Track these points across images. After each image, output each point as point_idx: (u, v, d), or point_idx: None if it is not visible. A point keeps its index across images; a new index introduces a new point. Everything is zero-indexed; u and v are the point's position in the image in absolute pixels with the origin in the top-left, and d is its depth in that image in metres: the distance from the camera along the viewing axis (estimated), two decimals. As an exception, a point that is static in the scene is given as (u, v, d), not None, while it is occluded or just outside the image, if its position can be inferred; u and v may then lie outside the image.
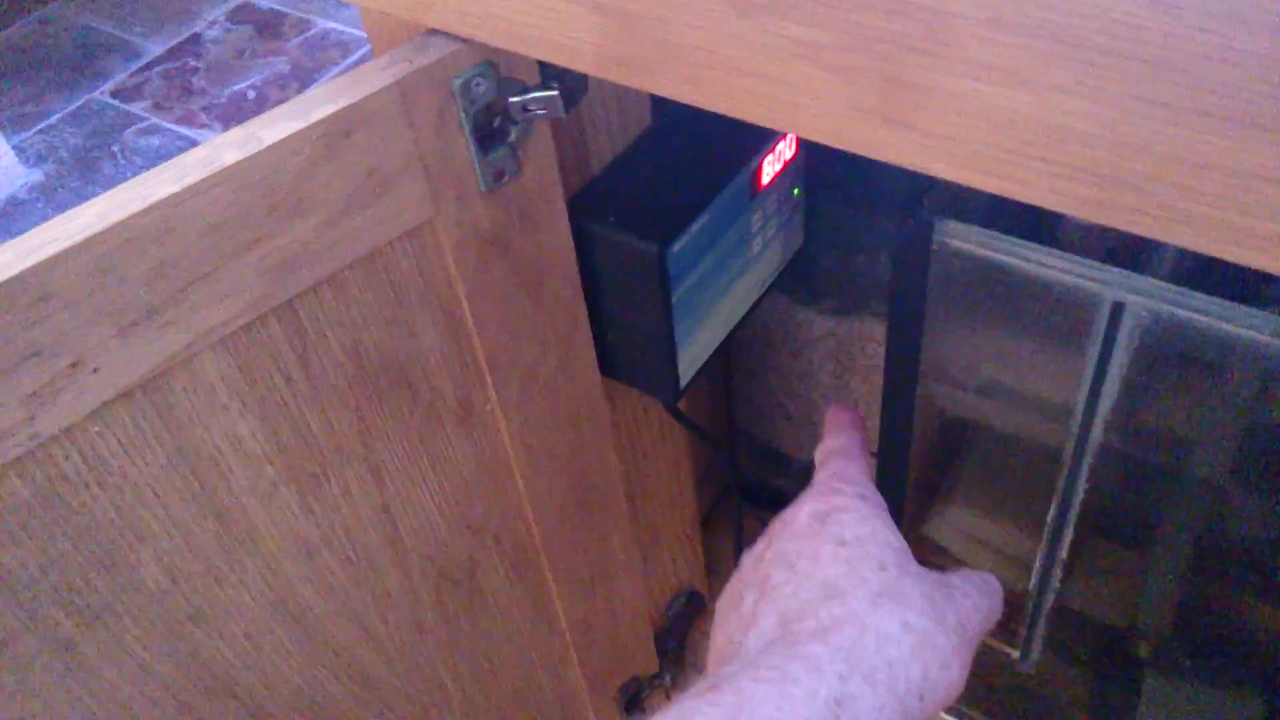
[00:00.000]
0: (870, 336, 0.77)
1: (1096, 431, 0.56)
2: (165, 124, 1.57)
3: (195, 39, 1.71)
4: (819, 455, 0.51)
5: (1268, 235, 0.29)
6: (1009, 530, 0.68)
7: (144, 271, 0.39)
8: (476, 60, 0.44)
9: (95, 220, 0.37)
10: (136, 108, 1.60)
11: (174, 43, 1.71)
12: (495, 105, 0.46)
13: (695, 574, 0.90)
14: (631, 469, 0.72)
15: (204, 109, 1.58)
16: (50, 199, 1.47)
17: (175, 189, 0.38)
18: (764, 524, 0.84)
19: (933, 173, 0.34)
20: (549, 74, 0.46)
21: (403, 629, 0.60)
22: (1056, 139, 0.31)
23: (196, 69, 1.65)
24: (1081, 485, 0.59)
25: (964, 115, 0.32)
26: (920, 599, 0.41)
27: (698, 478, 0.84)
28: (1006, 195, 0.33)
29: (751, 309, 0.64)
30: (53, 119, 1.60)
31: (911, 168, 0.35)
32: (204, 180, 0.38)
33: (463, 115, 0.44)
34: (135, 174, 1.43)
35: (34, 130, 1.59)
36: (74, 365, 0.39)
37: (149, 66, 1.67)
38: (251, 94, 1.59)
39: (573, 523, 0.66)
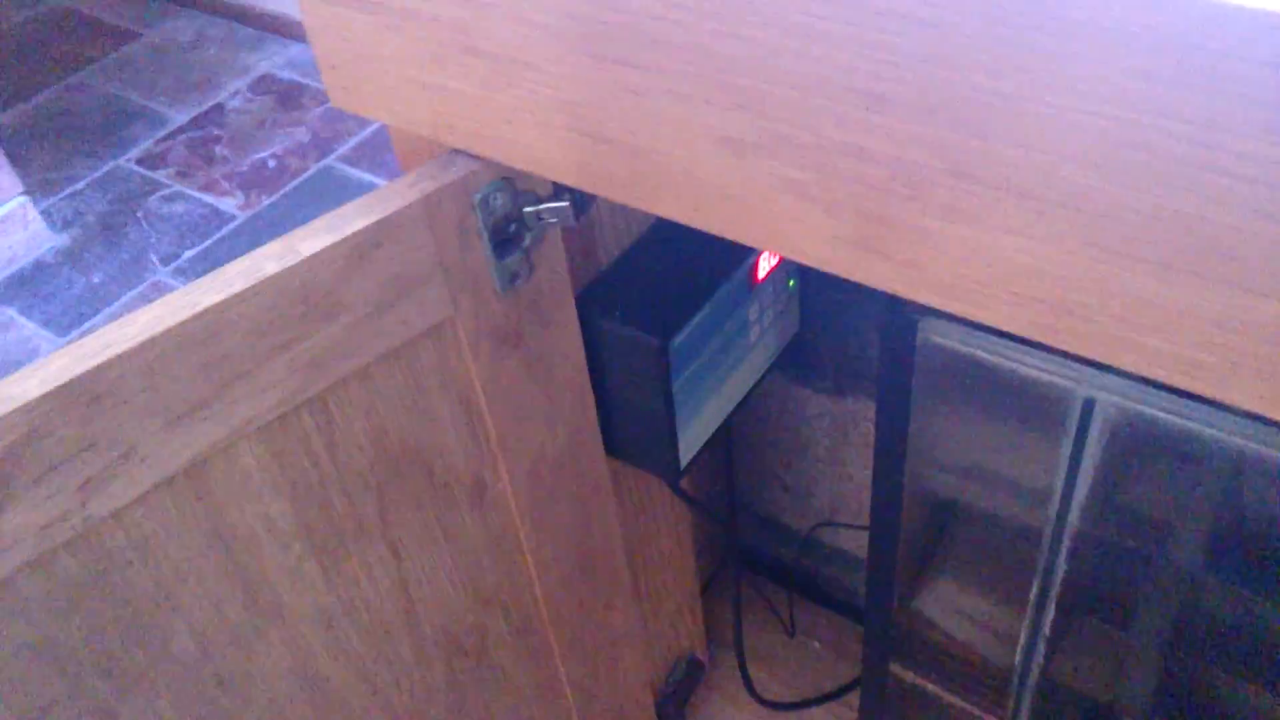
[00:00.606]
0: (863, 414, 0.80)
1: (1073, 516, 0.60)
2: (188, 191, 1.62)
3: (219, 109, 1.77)
4: None
5: (1200, 362, 0.33)
6: (995, 606, 0.71)
7: (190, 371, 0.42)
8: (494, 176, 0.48)
9: (148, 326, 0.41)
10: (161, 175, 1.66)
11: (198, 112, 1.77)
12: (511, 214, 0.50)
13: (696, 641, 0.92)
14: (634, 542, 0.76)
15: (226, 176, 1.64)
16: (76, 263, 1.52)
17: (221, 297, 0.42)
18: (763, 593, 0.87)
19: (905, 296, 0.38)
20: (560, 186, 0.51)
21: (415, 696, 0.62)
22: (1011, 273, 0.35)
23: (219, 137, 1.71)
24: (1061, 566, 0.62)
25: (931, 249, 0.36)
26: None
27: (698, 547, 0.87)
28: (972, 319, 0.37)
29: (749, 392, 0.68)
30: (79, 185, 1.65)
31: (887, 290, 0.39)
32: (247, 289, 0.42)
33: (481, 225, 0.49)
34: (159, 239, 1.49)
35: (61, 195, 1.65)
36: (124, 456, 0.42)
37: (173, 135, 1.73)
38: (272, 162, 1.65)
39: (578, 593, 0.69)
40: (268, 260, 0.43)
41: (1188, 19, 0.27)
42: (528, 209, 0.50)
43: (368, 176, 1.62)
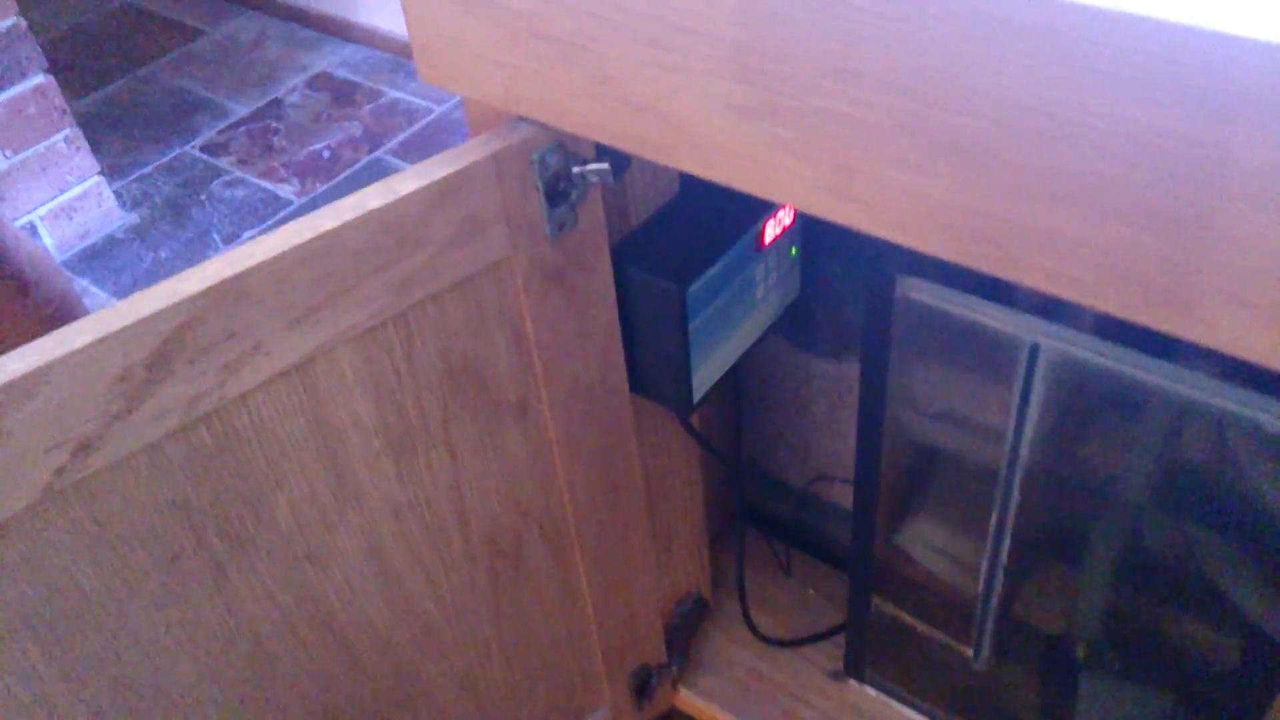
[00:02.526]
0: (856, 377, 0.91)
1: (1024, 454, 0.70)
2: (248, 177, 1.75)
3: (277, 103, 1.90)
4: None
5: (1074, 278, 0.44)
6: (963, 541, 0.82)
7: (309, 282, 0.54)
8: (550, 140, 0.60)
9: (279, 243, 0.53)
10: (223, 162, 1.79)
11: (258, 105, 1.90)
12: (562, 173, 0.62)
13: (702, 580, 1.03)
14: (651, 479, 0.87)
15: (283, 165, 1.76)
16: (144, 240, 1.65)
17: (334, 224, 0.54)
18: (765, 542, 0.99)
19: (869, 233, 0.49)
20: (603, 151, 0.62)
21: (460, 588, 0.74)
22: (940, 209, 0.46)
23: (277, 129, 1.84)
24: (1014, 501, 0.73)
25: (885, 192, 0.47)
26: None
27: (708, 498, 0.98)
28: (919, 250, 0.48)
29: (755, 344, 0.79)
30: (148, 169, 1.78)
31: (853, 227, 0.50)
32: (356, 219, 0.54)
33: (538, 180, 0.60)
34: (220, 220, 1.61)
35: (131, 178, 1.78)
36: (255, 347, 0.54)
37: (235, 126, 1.86)
38: (326, 153, 1.78)
39: (601, 513, 0.80)
40: (372, 197, 0.55)
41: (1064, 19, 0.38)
42: (575, 169, 0.62)
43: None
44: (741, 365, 0.86)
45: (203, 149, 1.83)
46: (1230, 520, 0.70)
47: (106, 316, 0.50)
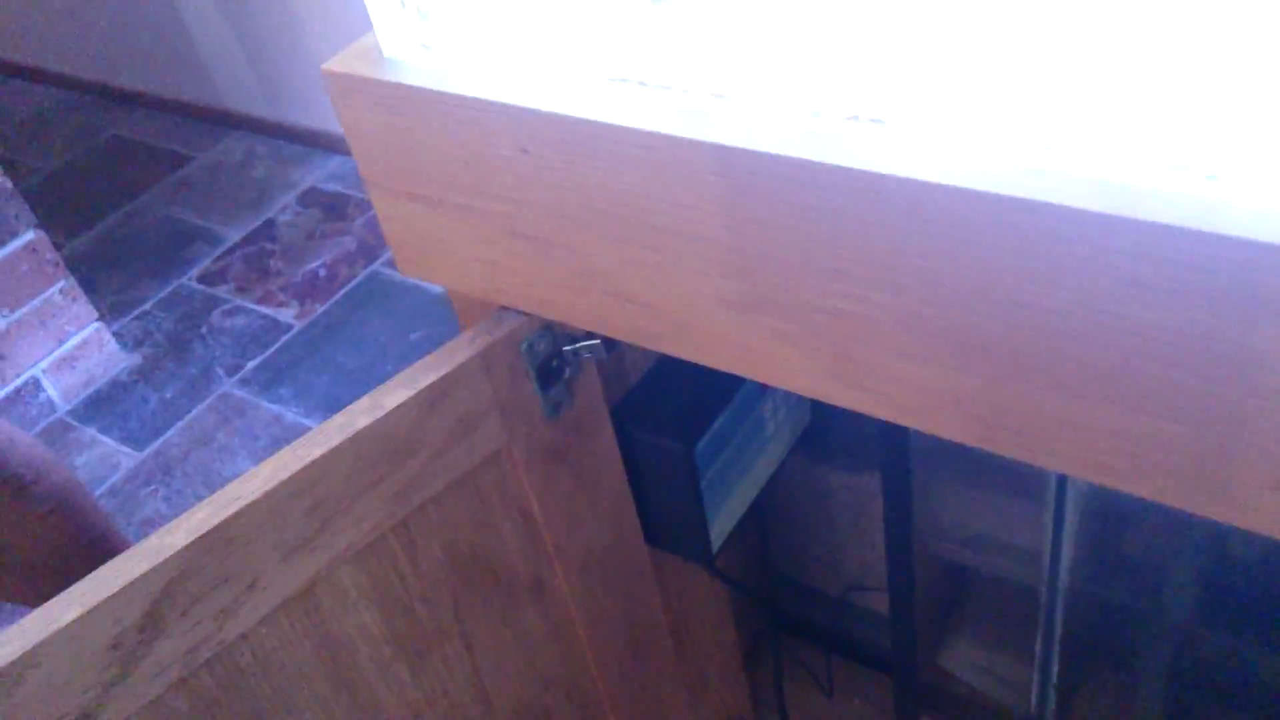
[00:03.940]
0: (879, 487, 0.88)
1: (1063, 576, 0.67)
2: (247, 304, 1.74)
3: (270, 224, 1.90)
4: None
5: (1104, 465, 0.41)
6: (1009, 659, 0.78)
7: (302, 512, 0.52)
8: (538, 326, 0.58)
9: (267, 480, 0.51)
10: (221, 290, 1.79)
11: (251, 228, 1.91)
12: (553, 353, 0.59)
13: (742, 705, 1.00)
14: (678, 618, 0.84)
15: (281, 289, 1.76)
16: (148, 380, 1.64)
17: (324, 450, 0.52)
18: (801, 655, 0.95)
19: (874, 416, 0.47)
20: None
21: (492, 772, 0.71)
22: (954, 398, 0.43)
23: (273, 251, 1.84)
24: (1058, 620, 0.70)
25: (890, 381, 0.44)
26: None
27: (738, 617, 0.95)
28: (934, 434, 0.46)
29: (770, 480, 0.76)
30: (147, 305, 1.78)
31: (859, 411, 0.47)
32: (344, 442, 0.52)
33: (529, 366, 0.58)
34: (222, 353, 1.60)
35: (130, 316, 1.78)
36: (250, 586, 0.52)
37: (230, 251, 1.86)
38: (323, 271, 1.77)
39: (629, 670, 0.77)
40: (359, 415, 0.53)
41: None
42: (567, 348, 0.59)
43: (411, 279, 1.73)
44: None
45: (200, 279, 1.83)
46: (1286, 623, 0.66)
47: (93, 584, 0.48)
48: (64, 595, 0.47)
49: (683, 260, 0.47)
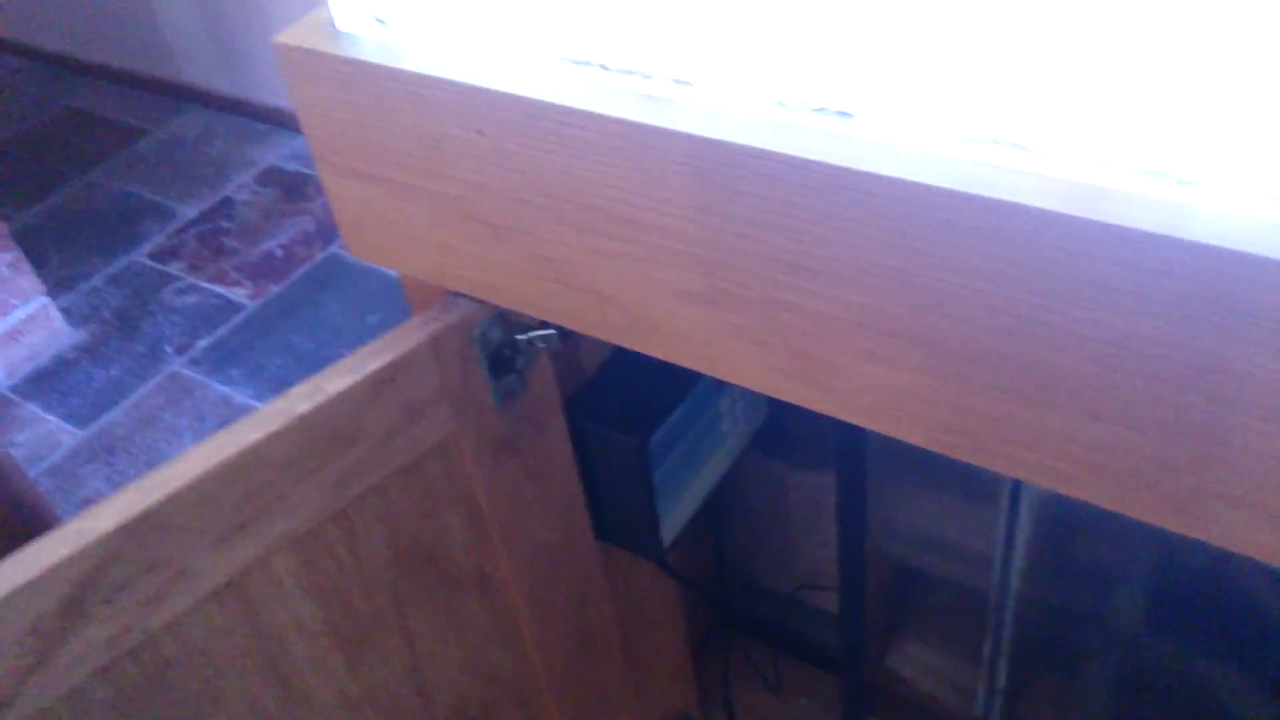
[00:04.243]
0: (834, 485, 0.87)
1: (1014, 581, 0.67)
2: (200, 283, 1.70)
3: (226, 202, 1.86)
4: None
5: (1064, 473, 0.40)
6: (957, 662, 0.78)
7: (235, 498, 0.50)
8: (491, 313, 0.56)
9: (200, 462, 0.49)
10: (173, 268, 1.75)
11: (207, 205, 1.86)
12: (505, 342, 0.58)
13: (688, 701, 0.99)
14: (626, 613, 0.82)
15: (235, 268, 1.72)
16: (94, 357, 1.60)
17: (260, 435, 0.50)
18: (750, 653, 0.94)
19: (829, 414, 0.46)
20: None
21: (431, 768, 0.69)
22: (909, 401, 0.42)
23: (228, 230, 1.80)
24: (1008, 625, 0.69)
25: (846, 380, 0.43)
26: None
27: (688, 612, 0.94)
28: (891, 436, 0.45)
29: (727, 471, 0.75)
30: (95, 280, 1.74)
31: (815, 410, 0.46)
32: (282, 427, 0.50)
33: (480, 355, 0.56)
34: (172, 331, 1.57)
35: (78, 291, 1.73)
36: (179, 574, 0.50)
37: (184, 229, 1.82)
38: (279, 252, 1.74)
39: (574, 666, 0.76)
40: (300, 399, 0.51)
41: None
42: (520, 336, 0.58)
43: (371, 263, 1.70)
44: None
45: (151, 256, 1.79)
46: (1229, 639, 0.66)
47: (11, 567, 0.45)
48: (-22, 578, 0.45)
49: (640, 251, 0.46)
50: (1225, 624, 0.66)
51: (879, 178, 0.37)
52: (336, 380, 0.52)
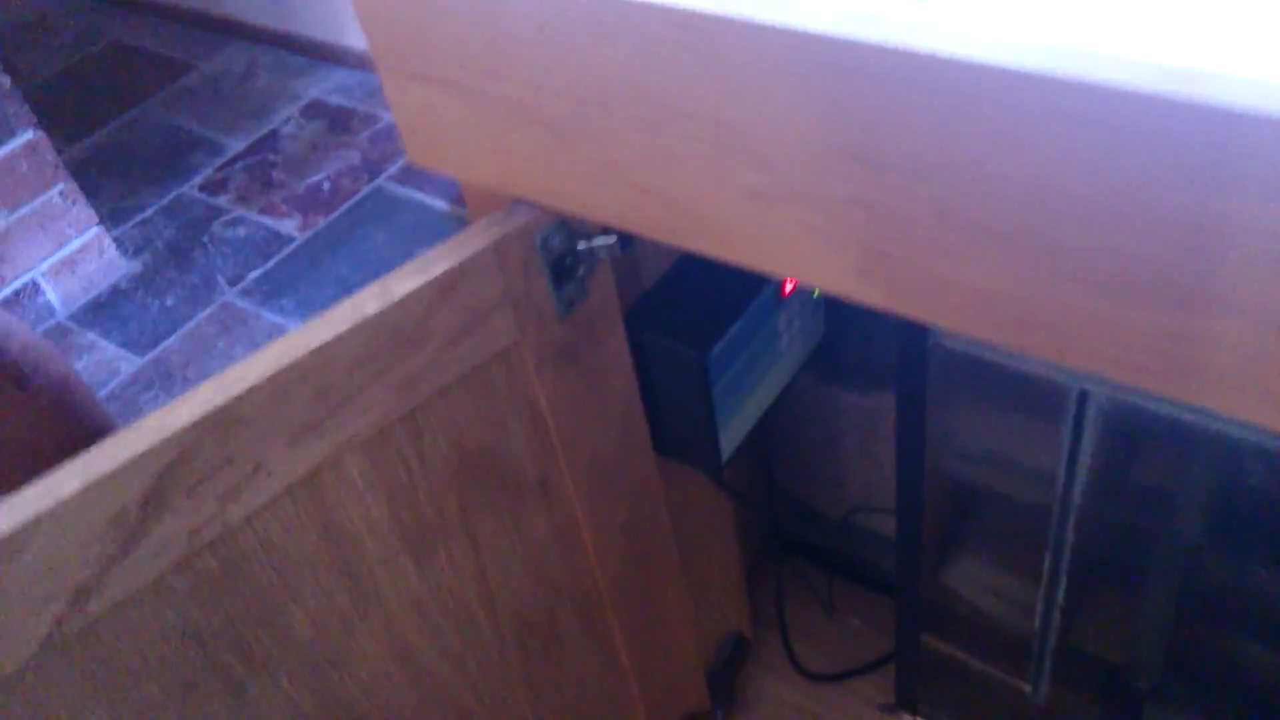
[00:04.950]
0: (888, 409, 0.87)
1: (1076, 496, 0.66)
2: (249, 215, 1.72)
3: (273, 135, 1.87)
4: None
5: (1146, 366, 0.40)
6: (1014, 580, 0.78)
7: (307, 398, 0.51)
8: (553, 220, 0.56)
9: (273, 362, 0.50)
10: (222, 200, 1.76)
11: (253, 139, 1.87)
12: (567, 250, 0.58)
13: (742, 621, 1.00)
14: (683, 530, 0.83)
15: (284, 200, 1.73)
16: (149, 288, 1.62)
17: (331, 335, 0.50)
18: (803, 574, 0.95)
19: (903, 315, 0.45)
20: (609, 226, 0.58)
21: (492, 669, 0.71)
22: (987, 296, 0.42)
23: (275, 163, 1.81)
24: (1068, 541, 0.69)
25: (920, 277, 0.43)
26: None
27: (742, 534, 0.95)
28: (964, 333, 0.44)
29: (781, 394, 0.75)
30: (147, 212, 1.76)
31: (886, 311, 0.46)
32: (351, 327, 0.51)
33: (542, 262, 0.57)
34: (224, 262, 1.59)
35: (131, 223, 1.75)
36: (255, 470, 0.51)
37: (232, 162, 1.83)
38: (326, 185, 1.74)
39: (633, 577, 0.77)
40: (368, 301, 0.51)
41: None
42: (581, 244, 0.58)
43: (416, 194, 1.71)
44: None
45: (201, 188, 1.80)
46: (1296, 549, 0.66)
47: (95, 458, 0.47)
48: (65, 468, 0.46)
49: (707, 148, 0.45)
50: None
51: (956, 62, 0.36)
52: (404, 283, 0.52)
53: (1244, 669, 0.76)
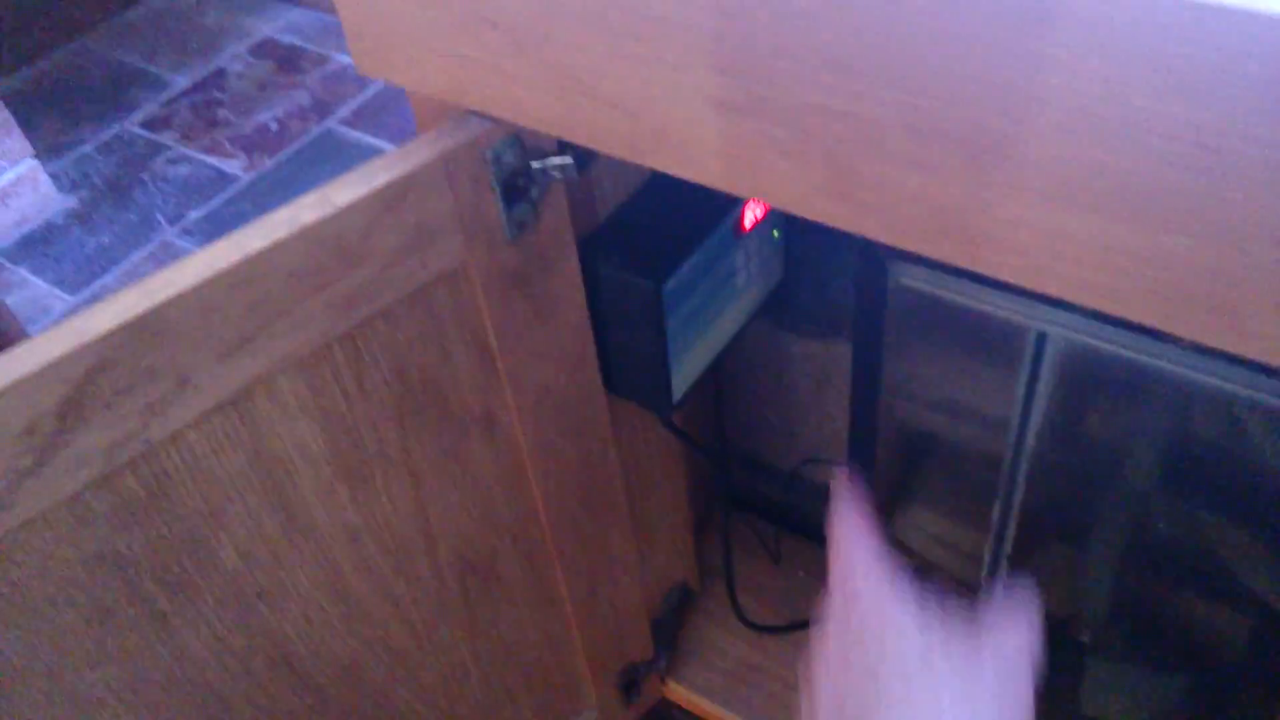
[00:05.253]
0: (844, 358, 0.86)
1: (1030, 443, 0.66)
2: (193, 153, 1.66)
3: (220, 73, 1.80)
4: (831, 545, 0.50)
5: (1115, 288, 0.39)
6: (963, 529, 0.78)
7: (238, 309, 0.48)
8: (505, 134, 0.54)
9: (203, 268, 0.47)
10: (165, 137, 1.70)
11: (200, 76, 1.81)
12: (520, 169, 0.55)
13: (688, 571, 0.99)
14: (631, 475, 0.82)
15: (229, 139, 1.68)
16: (85, 224, 1.57)
17: (265, 243, 0.48)
18: (751, 526, 0.93)
19: (870, 237, 0.44)
20: (564, 143, 0.56)
21: (430, 610, 0.69)
22: (950, 213, 0.40)
23: (221, 101, 1.75)
24: (1019, 489, 0.68)
25: (889, 194, 0.41)
26: (951, 680, 0.42)
27: (691, 486, 0.93)
28: (934, 256, 0.43)
29: (737, 335, 0.73)
30: (86, 148, 1.69)
31: (854, 232, 0.44)
32: (288, 236, 0.48)
33: (493, 179, 0.54)
34: (165, 201, 1.53)
35: (69, 158, 1.69)
36: (180, 384, 0.48)
37: (176, 99, 1.77)
38: (274, 125, 1.69)
39: (579, 520, 0.75)
40: (306, 210, 0.49)
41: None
42: (535, 164, 0.55)
43: (367, 138, 1.66)
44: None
45: (143, 125, 1.74)
46: (1241, 502, 0.66)
47: (5, 364, 0.44)
48: (-28, 372, 0.43)
49: (670, 55, 0.43)
50: (1236, 493, 0.65)
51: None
52: (344, 192, 0.49)
53: (1185, 623, 0.76)
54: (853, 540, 0.48)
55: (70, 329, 0.44)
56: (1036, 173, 0.37)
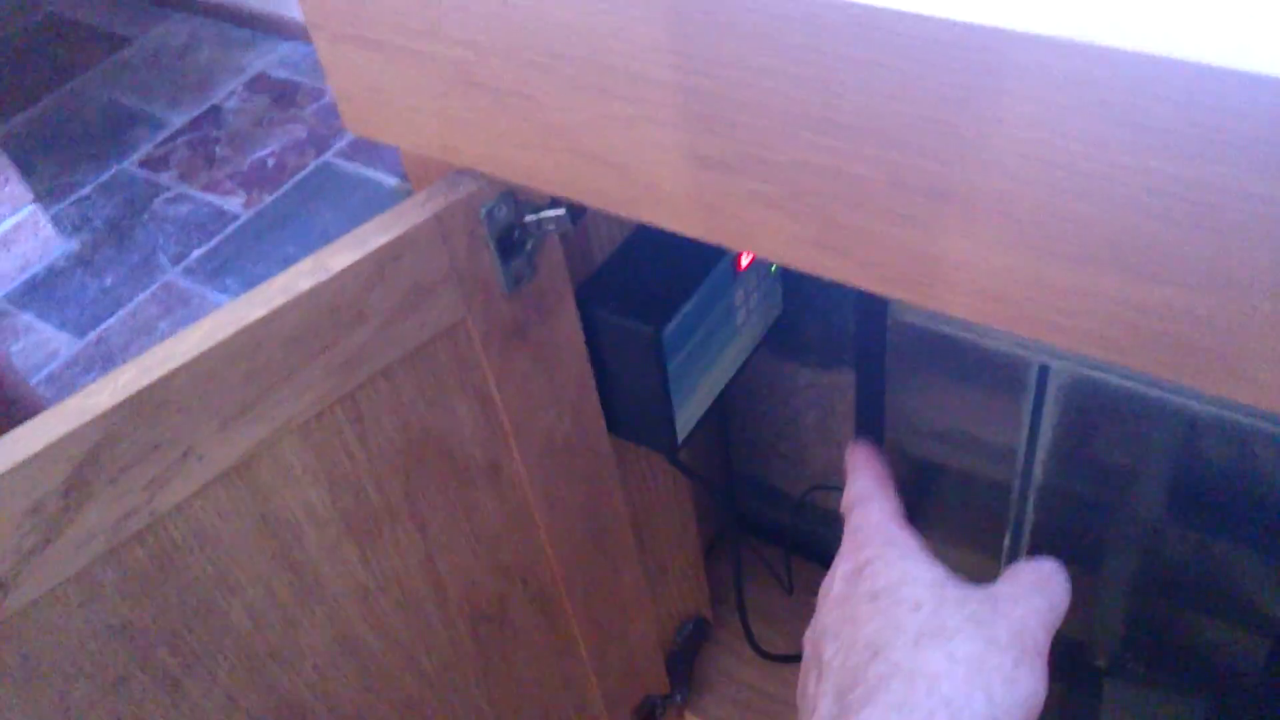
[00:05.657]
0: (847, 385, 0.86)
1: (1037, 472, 0.65)
2: (192, 192, 1.67)
3: (215, 110, 1.81)
4: (843, 506, 0.50)
5: (1114, 339, 0.38)
6: (974, 557, 0.77)
7: (239, 378, 0.48)
8: (498, 190, 0.54)
9: (201, 341, 0.47)
10: (164, 177, 1.71)
11: (196, 113, 1.82)
12: (514, 223, 0.55)
13: (701, 602, 0.99)
14: (639, 512, 0.82)
15: (228, 176, 1.68)
16: (87, 267, 1.57)
17: (263, 312, 0.48)
18: (762, 554, 0.93)
19: (864, 288, 0.44)
20: (558, 197, 0.56)
21: (443, 659, 0.69)
22: (949, 268, 0.40)
23: (218, 138, 1.76)
24: (1029, 518, 0.68)
25: (880, 248, 0.41)
26: (964, 624, 0.40)
27: (700, 514, 0.93)
28: (930, 308, 0.43)
29: (738, 372, 0.73)
30: (86, 190, 1.70)
31: (848, 284, 0.44)
32: (285, 304, 0.48)
33: (488, 235, 0.54)
34: (166, 240, 1.54)
35: (69, 201, 1.70)
36: (184, 455, 0.48)
37: (173, 137, 1.78)
38: (271, 160, 1.70)
39: (588, 561, 0.75)
40: (301, 276, 0.49)
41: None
42: (529, 217, 0.56)
43: (365, 171, 1.66)
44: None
45: (142, 164, 1.75)
46: (1252, 526, 0.65)
47: (9, 445, 0.44)
48: (-24, 456, 0.43)
49: (654, 111, 0.43)
50: (1247, 517, 0.65)
51: (916, 17, 0.34)
52: (340, 256, 0.50)
53: (1202, 646, 0.76)
54: (868, 495, 0.48)
55: (72, 408, 0.45)
56: (1020, 226, 0.37)
